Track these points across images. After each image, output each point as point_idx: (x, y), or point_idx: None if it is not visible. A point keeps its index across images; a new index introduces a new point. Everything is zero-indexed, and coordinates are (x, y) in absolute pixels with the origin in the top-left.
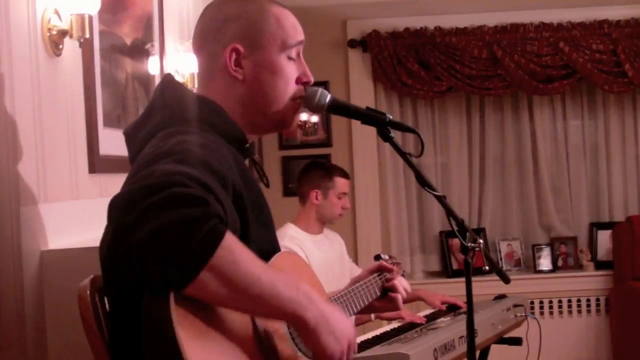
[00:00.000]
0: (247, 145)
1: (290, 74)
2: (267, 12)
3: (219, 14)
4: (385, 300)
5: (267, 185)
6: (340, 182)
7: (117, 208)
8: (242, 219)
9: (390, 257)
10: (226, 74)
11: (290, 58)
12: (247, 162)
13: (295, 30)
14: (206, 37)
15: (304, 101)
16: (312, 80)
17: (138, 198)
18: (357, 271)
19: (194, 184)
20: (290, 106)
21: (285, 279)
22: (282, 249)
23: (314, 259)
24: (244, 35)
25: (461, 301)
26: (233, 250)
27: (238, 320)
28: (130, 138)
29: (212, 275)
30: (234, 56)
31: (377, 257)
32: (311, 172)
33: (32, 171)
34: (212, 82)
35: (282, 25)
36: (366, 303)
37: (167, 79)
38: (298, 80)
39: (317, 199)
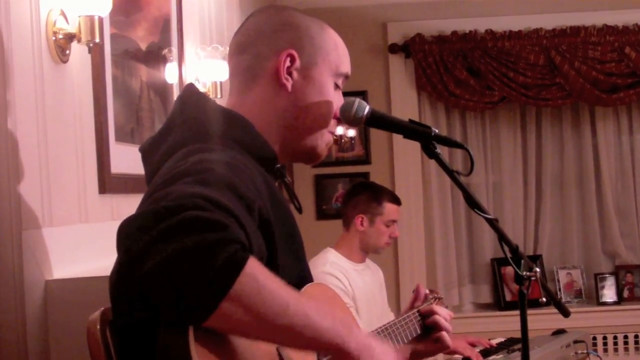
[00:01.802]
0: (278, 165)
1: (334, 100)
2: (327, 33)
3: (277, 19)
4: (429, 341)
5: (300, 211)
6: (390, 208)
7: (126, 234)
8: (269, 247)
9: (432, 291)
10: (272, 80)
11: (336, 86)
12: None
13: (347, 60)
14: (257, 38)
15: (340, 113)
16: None
17: (149, 223)
18: (389, 314)
19: (213, 208)
20: (326, 138)
21: (319, 307)
22: (324, 275)
23: (357, 289)
24: (301, 46)
25: (486, 340)
26: (257, 277)
27: (262, 350)
28: (146, 156)
29: (235, 305)
30: (287, 62)
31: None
32: (358, 194)
33: (36, 192)
34: (252, 88)
35: (337, 49)
36: (404, 342)
37: (189, 90)
38: (335, 115)
39: (362, 225)
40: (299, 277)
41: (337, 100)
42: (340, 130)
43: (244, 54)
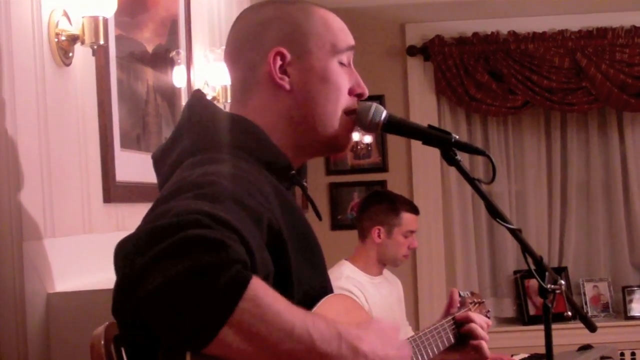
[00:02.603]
0: (293, 172)
1: (342, 81)
2: (311, 13)
3: (256, 19)
4: (466, 350)
5: (320, 218)
6: (408, 219)
7: (123, 256)
8: (281, 260)
9: (473, 294)
10: (269, 85)
11: (341, 64)
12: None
13: (344, 33)
14: (242, 46)
15: (356, 118)
16: (367, 92)
17: (146, 244)
18: (407, 328)
19: (213, 224)
20: (344, 122)
21: (328, 329)
22: (338, 291)
23: (373, 304)
24: (287, 39)
25: (508, 357)
26: (260, 301)
27: None
28: (158, 164)
29: (235, 332)
30: (278, 62)
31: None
32: (374, 204)
33: (37, 200)
34: (250, 97)
35: (329, 27)
36: (434, 353)
37: (195, 97)
38: (351, 92)
39: (379, 236)
40: (320, 286)
41: (347, 77)
42: (356, 136)
43: (236, 65)
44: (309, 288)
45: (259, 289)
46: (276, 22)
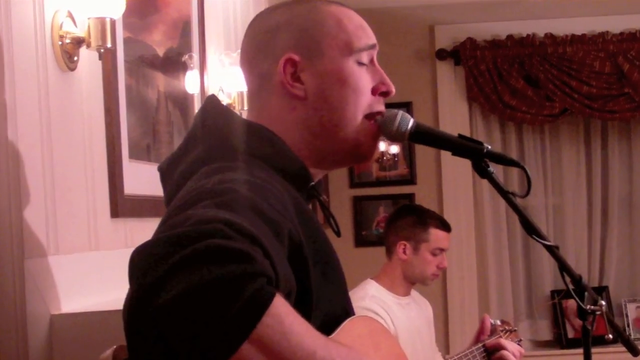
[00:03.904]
0: (312, 183)
1: (362, 81)
2: (322, 12)
3: (266, 25)
4: None
5: (338, 235)
6: (437, 235)
7: (139, 264)
8: (302, 275)
9: (504, 322)
10: (283, 93)
11: (360, 63)
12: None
13: (363, 31)
14: (254, 55)
15: (381, 127)
16: (393, 90)
17: (165, 252)
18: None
19: (236, 235)
20: (367, 127)
21: (349, 355)
22: (362, 311)
23: (400, 326)
24: (297, 43)
25: None
26: (282, 318)
27: None
28: (165, 175)
29: (256, 348)
30: (289, 69)
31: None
32: (401, 218)
33: (40, 215)
34: (266, 107)
35: (343, 26)
36: None
37: (210, 102)
38: (375, 91)
39: (404, 252)
40: (340, 305)
41: (370, 76)
42: (382, 146)
43: (250, 75)
44: (329, 308)
45: (283, 306)
46: (285, 26)
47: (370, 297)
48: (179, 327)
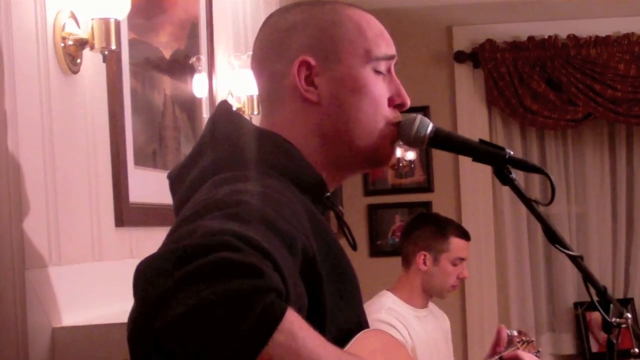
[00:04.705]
0: (327, 194)
1: (378, 91)
2: (342, 15)
3: (281, 24)
4: None
5: (354, 248)
6: (458, 244)
7: (144, 278)
8: (315, 290)
9: (520, 332)
10: (296, 97)
11: (377, 72)
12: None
13: (382, 39)
14: (267, 55)
15: (398, 132)
16: (408, 102)
17: (171, 265)
18: None
19: (246, 248)
20: (385, 133)
21: None
22: (378, 324)
23: (417, 340)
24: (314, 46)
25: None
26: (295, 334)
27: None
28: (175, 184)
29: None
30: (304, 72)
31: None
32: (419, 227)
33: (42, 224)
34: (278, 112)
35: (363, 31)
36: None
37: (222, 108)
38: (390, 102)
39: (424, 263)
40: (355, 320)
41: (385, 87)
42: (397, 152)
43: (262, 76)
44: (343, 323)
45: (295, 321)
46: (301, 27)
47: (387, 310)
48: (187, 344)
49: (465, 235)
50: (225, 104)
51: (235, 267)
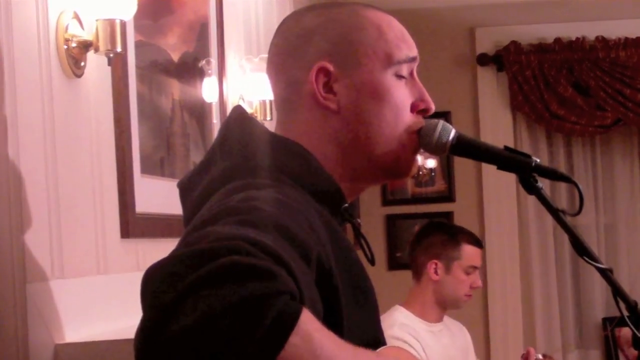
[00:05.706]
0: (346, 205)
1: (401, 97)
2: (362, 18)
3: (298, 28)
4: None
5: (372, 263)
6: (470, 252)
7: (153, 284)
8: (331, 303)
9: (545, 356)
10: (314, 105)
11: (399, 76)
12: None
13: (404, 42)
14: (284, 60)
15: (419, 139)
16: (433, 107)
17: (182, 270)
18: None
19: (259, 252)
20: (406, 142)
21: None
22: (391, 340)
23: (432, 355)
24: (332, 51)
25: None
26: (311, 336)
27: None
28: (185, 193)
29: None
30: (322, 79)
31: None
32: (429, 235)
33: (44, 237)
34: (294, 119)
35: (384, 35)
36: None
37: (236, 114)
38: (413, 108)
39: (436, 273)
40: (372, 334)
41: (408, 93)
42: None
43: (278, 82)
44: (360, 337)
45: (311, 323)
46: (319, 31)
47: (400, 325)
48: (199, 353)
49: (477, 242)
50: (239, 109)
51: (248, 271)
